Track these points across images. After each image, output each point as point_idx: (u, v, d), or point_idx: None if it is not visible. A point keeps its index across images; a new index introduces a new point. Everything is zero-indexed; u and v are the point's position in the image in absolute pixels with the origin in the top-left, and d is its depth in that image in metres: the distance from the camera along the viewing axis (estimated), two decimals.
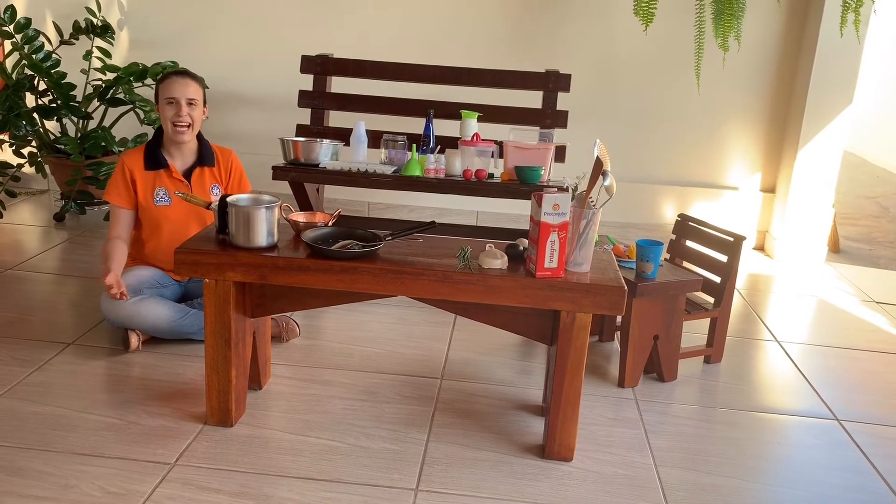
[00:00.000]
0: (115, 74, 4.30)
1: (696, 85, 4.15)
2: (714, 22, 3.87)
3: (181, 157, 2.87)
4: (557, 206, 2.06)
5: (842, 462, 2.39)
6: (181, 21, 4.66)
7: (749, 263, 4.40)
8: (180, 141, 2.80)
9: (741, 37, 3.91)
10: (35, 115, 4.26)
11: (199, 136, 2.90)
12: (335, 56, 3.83)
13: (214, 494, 2.02)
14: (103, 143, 4.26)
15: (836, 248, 4.88)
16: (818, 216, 4.45)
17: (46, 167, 4.49)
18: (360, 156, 3.48)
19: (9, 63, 4.45)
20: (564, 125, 3.65)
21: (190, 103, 2.76)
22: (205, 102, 2.85)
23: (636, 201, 4.65)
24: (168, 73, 2.83)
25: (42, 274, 3.53)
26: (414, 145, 3.39)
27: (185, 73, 2.82)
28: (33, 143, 4.40)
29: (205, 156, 2.89)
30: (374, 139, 3.54)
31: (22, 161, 4.36)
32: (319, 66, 3.76)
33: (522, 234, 2.82)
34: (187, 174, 2.87)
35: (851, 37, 4.16)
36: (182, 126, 2.75)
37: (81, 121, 4.40)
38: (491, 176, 3.32)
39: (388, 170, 3.28)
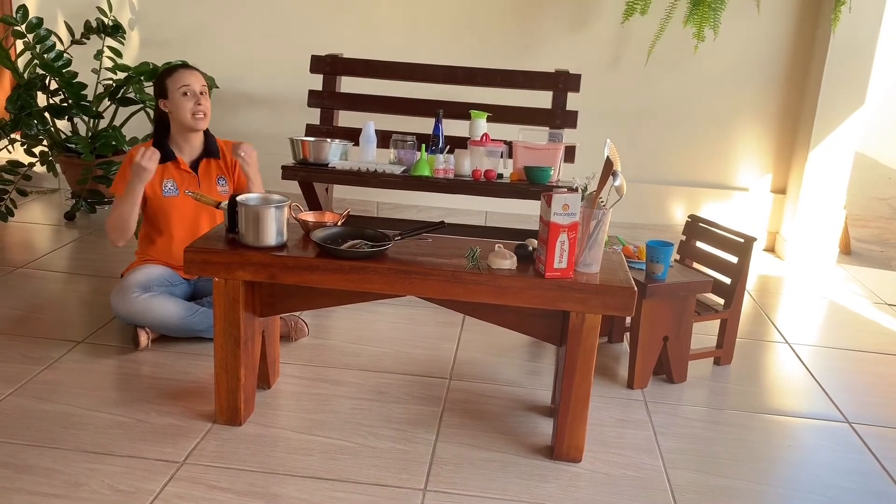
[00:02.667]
0: (125, 74, 4.32)
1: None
2: (689, 11, 3.89)
3: (189, 149, 2.89)
4: (567, 207, 2.05)
5: (853, 465, 2.37)
6: (191, 21, 4.67)
7: (759, 265, 4.37)
8: (199, 129, 2.84)
9: (718, 27, 3.90)
10: (46, 114, 4.28)
11: (205, 130, 2.91)
12: (344, 56, 3.83)
13: (223, 493, 2.02)
14: (114, 143, 4.27)
15: (847, 250, 4.84)
16: (829, 218, 4.42)
17: (57, 166, 4.51)
18: (370, 156, 3.48)
19: (20, 62, 4.48)
20: (574, 125, 3.63)
21: (202, 93, 2.81)
22: None
23: (646, 202, 4.64)
24: (171, 67, 2.89)
25: (52, 272, 3.55)
26: (423, 145, 3.38)
27: (191, 66, 2.89)
28: (44, 143, 4.42)
29: (211, 148, 2.92)
30: (384, 139, 3.54)
31: (33, 160, 4.38)
32: (329, 65, 3.76)
33: (532, 234, 2.81)
34: (194, 166, 2.89)
35: (862, 37, 4.13)
36: (201, 113, 2.80)
37: (92, 120, 4.42)
38: (500, 176, 3.31)
39: (398, 170, 3.28)
